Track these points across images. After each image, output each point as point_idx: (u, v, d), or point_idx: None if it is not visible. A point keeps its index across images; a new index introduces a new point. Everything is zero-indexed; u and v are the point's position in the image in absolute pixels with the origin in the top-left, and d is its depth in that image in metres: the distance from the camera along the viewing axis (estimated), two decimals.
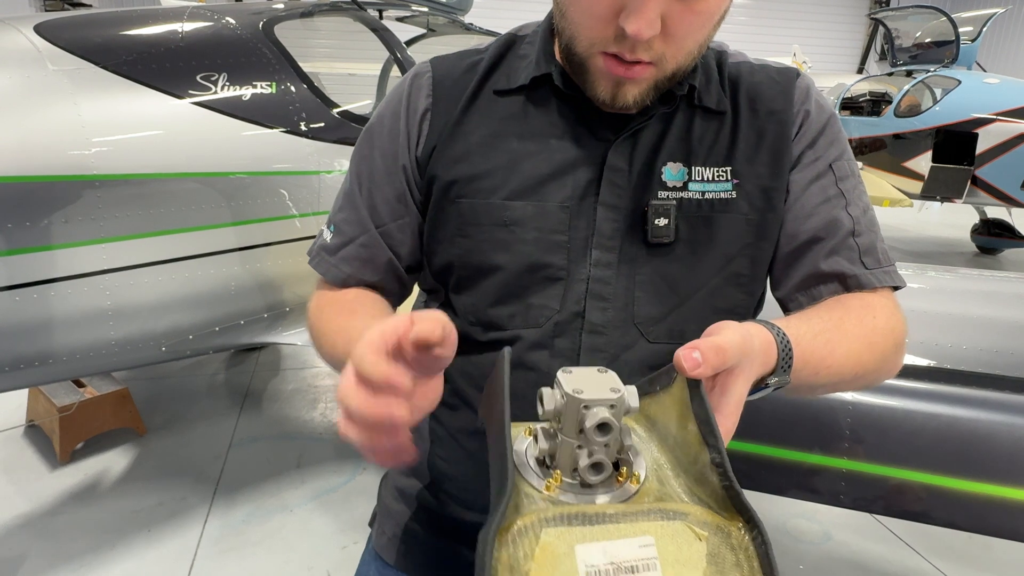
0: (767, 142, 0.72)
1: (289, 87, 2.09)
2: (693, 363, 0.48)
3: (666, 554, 0.41)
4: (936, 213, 8.48)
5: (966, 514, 1.46)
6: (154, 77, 1.78)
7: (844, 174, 0.74)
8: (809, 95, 0.75)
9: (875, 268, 0.72)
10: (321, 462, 2.69)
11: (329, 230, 0.80)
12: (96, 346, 1.74)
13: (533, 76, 0.72)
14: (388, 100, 0.78)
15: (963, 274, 2.08)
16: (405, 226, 0.77)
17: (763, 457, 1.59)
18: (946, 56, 6.92)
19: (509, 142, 0.71)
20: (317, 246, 0.81)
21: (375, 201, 0.76)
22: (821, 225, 0.72)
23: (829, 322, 0.65)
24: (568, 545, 0.41)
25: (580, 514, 0.43)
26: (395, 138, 0.75)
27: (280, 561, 2.15)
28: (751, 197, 0.71)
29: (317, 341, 0.75)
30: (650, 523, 0.43)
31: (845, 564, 2.25)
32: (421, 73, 0.77)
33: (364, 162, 0.78)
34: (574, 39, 0.65)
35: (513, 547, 0.41)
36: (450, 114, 0.74)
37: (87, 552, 2.12)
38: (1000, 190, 6.08)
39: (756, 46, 13.11)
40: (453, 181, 0.72)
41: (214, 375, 3.52)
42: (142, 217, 1.74)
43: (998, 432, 1.46)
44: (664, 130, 0.71)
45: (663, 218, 0.68)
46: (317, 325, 0.76)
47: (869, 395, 1.57)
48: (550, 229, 0.69)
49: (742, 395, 0.51)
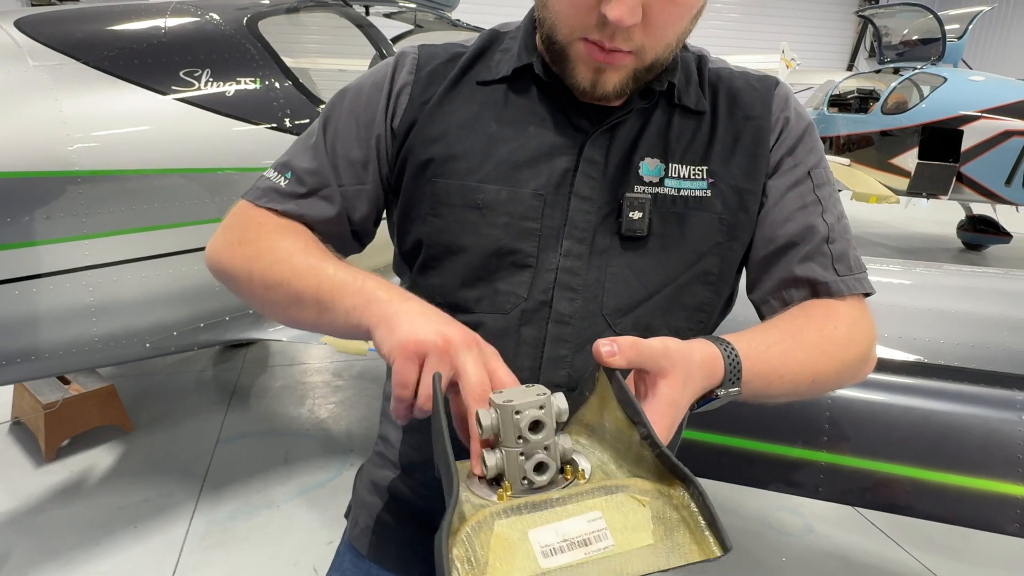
0: (743, 145, 0.73)
1: (274, 83, 2.09)
2: (609, 352, 0.53)
3: (614, 523, 0.45)
4: (923, 209, 8.55)
5: (942, 505, 1.48)
6: (136, 73, 1.78)
7: (821, 181, 0.76)
8: (788, 103, 0.76)
9: (846, 275, 0.74)
10: (308, 458, 2.69)
11: (284, 177, 0.76)
12: (80, 342, 1.74)
13: (515, 67, 0.73)
14: (373, 71, 0.78)
15: (945, 270, 2.11)
16: (362, 193, 0.76)
17: (746, 451, 1.61)
18: (932, 53, 6.97)
19: (487, 126, 0.72)
20: (264, 188, 0.76)
21: (338, 161, 0.75)
22: (798, 231, 0.73)
23: (786, 333, 0.68)
24: (521, 532, 0.44)
25: (528, 504, 0.46)
26: (373, 108, 0.75)
27: (266, 556, 2.15)
28: (725, 197, 0.72)
29: (259, 257, 0.70)
30: (595, 500, 0.46)
31: (827, 556, 2.28)
32: (407, 53, 0.78)
33: (337, 120, 0.76)
34: (555, 27, 0.65)
35: (469, 544, 0.44)
36: (430, 94, 0.74)
37: (72, 549, 2.12)
38: (985, 187, 6.15)
39: (746, 43, 13.18)
40: (429, 160, 0.72)
41: (202, 372, 3.51)
42: (125, 213, 1.74)
43: (972, 425, 1.49)
44: (643, 126, 0.72)
45: (638, 212, 0.69)
46: (267, 244, 0.71)
47: (848, 390, 1.59)
48: (521, 215, 0.70)
49: (674, 399, 0.55)
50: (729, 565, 2.21)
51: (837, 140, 7.52)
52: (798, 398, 0.69)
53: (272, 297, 0.69)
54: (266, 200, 0.75)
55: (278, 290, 0.68)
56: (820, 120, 7.88)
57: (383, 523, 0.84)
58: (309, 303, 0.65)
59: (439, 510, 0.77)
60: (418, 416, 0.56)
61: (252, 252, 0.71)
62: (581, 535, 0.44)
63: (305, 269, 0.67)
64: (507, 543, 0.44)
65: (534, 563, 0.43)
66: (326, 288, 0.64)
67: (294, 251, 0.69)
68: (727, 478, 1.67)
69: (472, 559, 0.43)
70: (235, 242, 0.74)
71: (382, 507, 0.84)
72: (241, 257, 0.72)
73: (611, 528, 0.44)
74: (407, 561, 0.83)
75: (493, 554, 0.43)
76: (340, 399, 3.23)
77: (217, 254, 0.75)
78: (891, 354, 1.65)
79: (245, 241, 0.73)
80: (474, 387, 0.53)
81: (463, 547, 0.44)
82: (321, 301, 0.64)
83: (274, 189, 0.76)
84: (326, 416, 3.06)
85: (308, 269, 0.66)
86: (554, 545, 0.43)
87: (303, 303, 0.66)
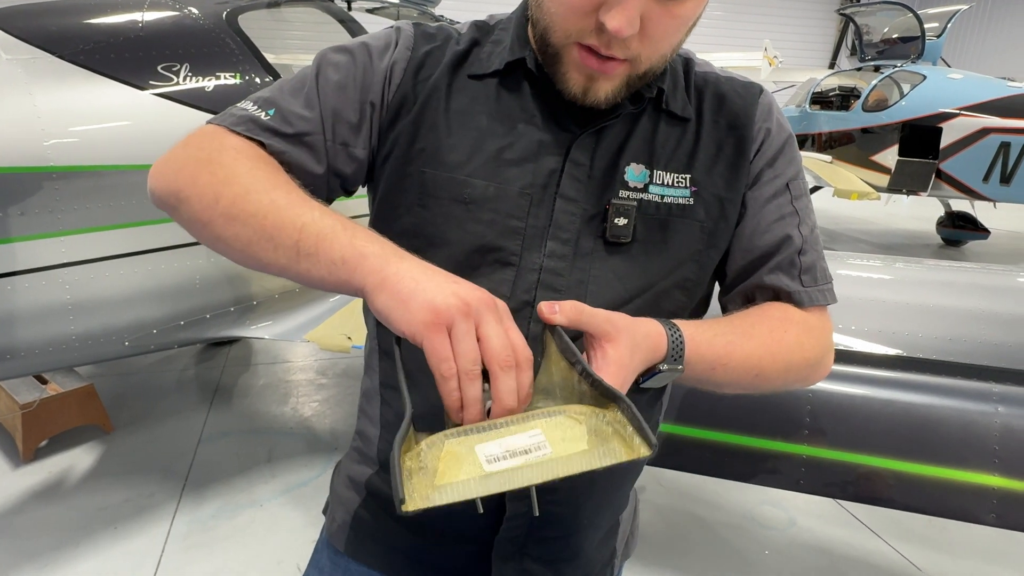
0: (725, 155, 0.74)
1: (254, 79, 2.07)
2: (550, 309, 0.58)
3: (553, 437, 0.51)
4: (903, 206, 8.66)
5: (921, 497, 1.50)
6: (113, 67, 1.76)
7: (799, 193, 0.77)
8: (771, 113, 0.77)
9: (811, 287, 0.76)
10: (292, 456, 2.67)
11: (266, 112, 0.69)
12: (56, 341, 1.71)
13: (508, 61, 0.72)
14: (373, 37, 0.75)
15: (925, 265, 2.13)
16: (349, 155, 0.72)
17: (728, 445, 1.62)
18: (912, 52, 7.05)
19: (479, 120, 0.71)
20: (239, 115, 0.69)
21: (330, 115, 0.71)
22: (774, 242, 0.75)
23: (738, 328, 0.70)
24: (468, 447, 0.50)
25: (477, 427, 0.52)
26: (371, 74, 0.71)
27: (250, 555, 2.14)
28: (707, 205, 0.73)
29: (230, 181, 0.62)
30: (536, 421, 0.52)
31: (809, 549, 2.30)
32: (404, 29, 0.76)
33: (333, 74, 0.72)
34: (549, 29, 0.65)
35: (420, 458, 0.50)
36: (425, 78, 0.73)
37: (51, 550, 2.09)
38: (963, 183, 6.23)
39: (728, 40, 13.26)
40: (420, 149, 0.71)
41: (183, 370, 3.47)
42: (103, 209, 1.71)
43: (950, 418, 1.51)
44: (629, 131, 0.72)
45: (623, 218, 0.69)
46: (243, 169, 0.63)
47: (829, 383, 1.61)
48: (507, 213, 0.69)
49: (622, 361, 0.59)
50: (712, 559, 2.23)
51: (819, 137, 7.59)
52: (744, 391, 0.72)
53: (236, 230, 0.60)
54: (244, 128, 0.68)
55: (248, 223, 0.60)
56: (802, 117, 7.95)
57: (360, 519, 0.84)
58: (285, 245, 0.58)
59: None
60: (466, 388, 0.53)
61: (224, 174, 0.62)
62: (523, 447, 0.50)
63: (287, 205, 0.60)
64: (456, 456, 0.50)
65: (479, 468, 0.49)
66: (310, 232, 0.58)
67: (276, 183, 0.62)
68: (710, 472, 1.69)
69: (423, 468, 0.49)
70: (201, 160, 0.64)
71: (359, 503, 0.84)
72: (208, 176, 0.63)
73: (550, 440, 0.51)
74: (386, 557, 0.82)
75: (443, 464, 0.49)
76: (324, 397, 3.21)
77: (174, 171, 0.65)
78: (872, 348, 1.67)
79: (215, 161, 0.64)
80: (498, 353, 0.52)
81: (416, 460, 0.50)
82: (301, 246, 0.58)
83: (253, 119, 0.68)
84: (310, 414, 3.04)
85: (290, 206, 0.60)
86: (498, 455, 0.50)
87: (277, 244, 0.59)
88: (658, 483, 2.61)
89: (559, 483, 0.49)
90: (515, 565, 0.77)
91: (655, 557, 2.19)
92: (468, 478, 0.48)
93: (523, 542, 0.76)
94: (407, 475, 0.48)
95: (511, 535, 0.76)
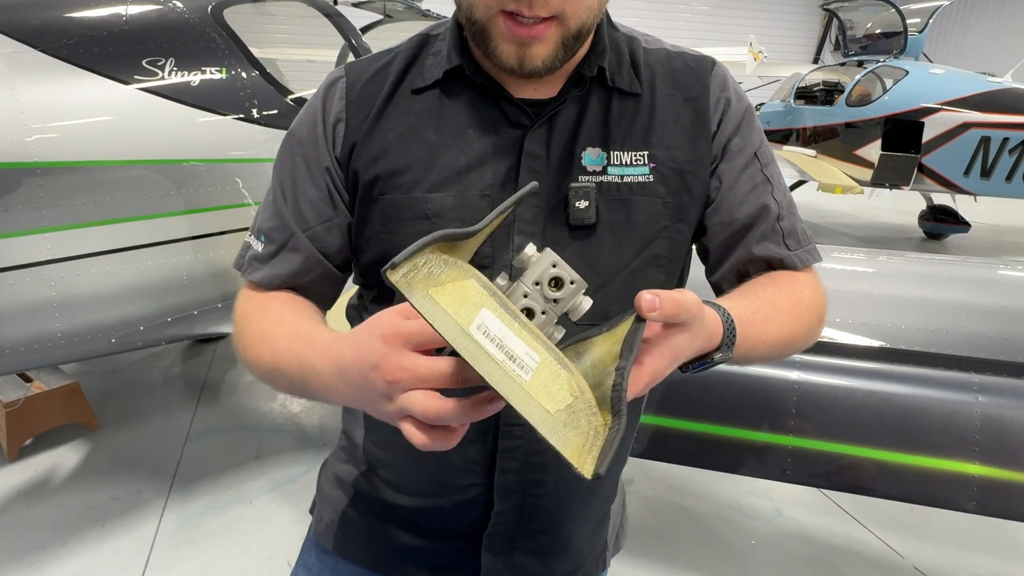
0: (683, 126, 0.74)
1: (240, 73, 2.05)
2: (650, 305, 0.51)
3: (541, 376, 0.47)
4: (886, 200, 8.75)
5: (904, 486, 1.53)
6: (97, 61, 1.74)
7: (767, 160, 0.78)
8: (727, 84, 0.77)
9: (797, 249, 0.77)
10: (281, 452, 2.67)
11: (259, 240, 0.78)
12: (41, 339, 1.70)
13: (446, 69, 0.72)
14: (306, 108, 0.78)
15: (907, 258, 2.16)
16: (333, 227, 0.76)
17: (715, 437, 1.64)
18: (895, 47, 7.12)
19: (426, 135, 0.71)
20: (248, 257, 0.79)
21: (300, 206, 0.75)
22: (753, 212, 0.75)
23: (764, 300, 0.70)
24: (478, 304, 0.47)
25: (504, 302, 0.49)
26: (315, 143, 0.74)
27: (239, 552, 2.13)
28: (668, 180, 0.73)
29: (253, 342, 0.72)
30: (546, 352, 0.48)
31: (795, 538, 2.33)
32: (334, 80, 0.77)
33: (287, 169, 0.77)
34: (472, 7, 0.64)
35: (440, 266, 0.47)
36: (366, 114, 0.73)
37: (37, 550, 2.07)
38: (944, 177, 6.31)
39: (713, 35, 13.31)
40: (375, 179, 0.71)
41: (170, 367, 3.45)
42: (88, 205, 1.70)
43: (932, 407, 1.53)
44: (580, 114, 0.72)
45: (584, 200, 0.69)
46: (254, 326, 0.73)
47: (813, 374, 1.63)
48: (472, 218, 0.69)
49: (678, 348, 0.55)
50: (700, 549, 2.25)
51: (804, 132, 7.65)
52: (765, 362, 0.72)
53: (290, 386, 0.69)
54: (250, 271, 0.78)
55: (283, 383, 0.69)
56: (787, 112, 8.01)
57: (348, 518, 0.84)
58: (298, 390, 0.66)
59: (404, 505, 0.78)
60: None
61: (253, 336, 0.73)
62: (513, 352, 0.46)
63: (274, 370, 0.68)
64: (462, 296, 0.46)
65: (467, 322, 0.45)
66: (296, 382, 0.65)
67: (279, 336, 0.69)
68: (697, 463, 1.71)
69: (432, 273, 0.46)
70: (240, 332, 0.75)
71: (347, 502, 0.84)
72: (246, 359, 0.73)
73: (536, 374, 0.46)
74: (374, 555, 0.82)
75: (449, 286, 0.46)
76: None
77: (241, 351, 0.75)
78: (855, 339, 1.69)
79: (243, 331, 0.75)
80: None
81: (435, 263, 0.47)
82: (305, 390, 0.65)
83: (254, 257, 0.78)
84: (298, 410, 3.03)
85: (276, 370, 0.68)
86: (490, 333, 0.46)
87: (294, 390, 0.67)
88: (645, 475, 2.63)
89: (547, 472, 0.46)
90: (505, 559, 0.78)
91: (643, 548, 2.21)
92: (452, 317, 0.45)
93: (512, 536, 0.77)
94: (419, 260, 0.46)
95: (500, 530, 0.76)
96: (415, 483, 0.78)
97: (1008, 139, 5.92)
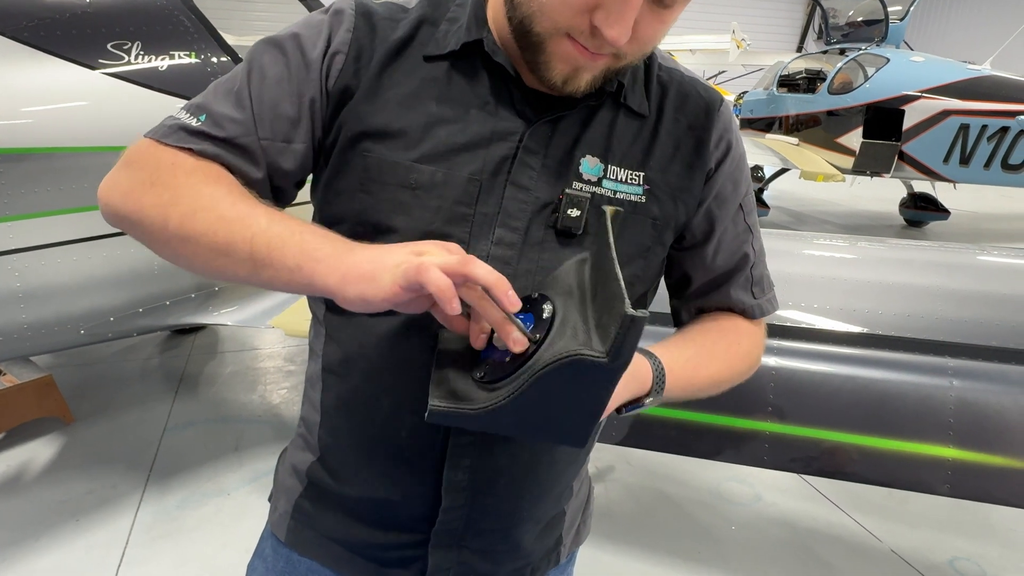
0: (682, 153, 0.74)
1: (211, 58, 2.01)
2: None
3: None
4: (867, 187, 8.83)
5: (880, 470, 1.54)
6: (59, 45, 1.68)
7: (749, 208, 0.81)
8: (731, 125, 0.78)
9: (761, 297, 0.83)
10: (260, 444, 2.64)
11: (197, 119, 0.67)
12: (6, 330, 1.65)
13: (464, 42, 0.69)
14: (306, 22, 0.72)
15: (887, 244, 2.17)
16: (288, 151, 0.69)
17: (694, 424, 1.64)
18: (876, 35, 7.15)
19: (428, 105, 0.69)
20: (172, 125, 0.68)
21: (265, 113, 0.68)
22: (735, 261, 0.81)
23: (701, 348, 0.78)
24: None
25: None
26: (307, 65, 0.69)
27: (217, 545, 2.11)
28: (661, 203, 0.73)
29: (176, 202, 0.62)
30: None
31: (775, 523, 2.35)
32: (343, 10, 0.71)
33: (265, 69, 0.69)
34: (535, 17, 0.62)
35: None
36: (367, 60, 0.69)
37: (10, 545, 2.04)
38: (925, 165, 6.37)
39: (696, 23, 13.31)
40: (364, 132, 0.68)
41: (147, 359, 3.40)
42: (52, 193, 1.65)
43: (908, 392, 1.54)
44: (586, 122, 0.71)
45: (576, 209, 0.68)
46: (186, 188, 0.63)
47: (791, 360, 1.63)
48: (455, 200, 0.67)
49: (615, 395, 0.61)
50: (680, 535, 2.26)
51: (786, 120, 7.68)
52: (691, 399, 0.77)
53: (192, 249, 0.62)
54: (176, 139, 0.66)
55: (201, 241, 0.61)
56: (770, 100, 8.03)
57: (301, 508, 0.82)
58: (241, 258, 0.59)
59: (353, 496, 0.76)
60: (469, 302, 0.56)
61: (168, 196, 0.63)
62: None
63: (234, 219, 0.60)
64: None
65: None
66: (260, 243, 0.58)
67: (219, 197, 0.62)
68: (677, 450, 1.71)
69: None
70: (144, 182, 0.64)
71: (301, 492, 0.82)
72: (153, 199, 0.63)
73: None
74: (324, 547, 0.80)
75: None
76: (292, 384, 3.17)
77: (121, 196, 0.65)
78: (834, 325, 1.69)
79: (159, 182, 0.64)
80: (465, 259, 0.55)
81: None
82: (256, 257, 0.58)
83: (184, 127, 0.67)
84: (278, 401, 3.00)
85: (237, 220, 0.60)
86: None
87: (233, 258, 0.60)
88: (626, 462, 2.64)
89: (500, 471, 0.47)
90: (453, 556, 0.77)
91: (624, 535, 2.22)
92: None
93: (461, 534, 0.75)
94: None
95: (448, 527, 0.75)
96: (364, 473, 0.76)
97: (987, 126, 5.99)
